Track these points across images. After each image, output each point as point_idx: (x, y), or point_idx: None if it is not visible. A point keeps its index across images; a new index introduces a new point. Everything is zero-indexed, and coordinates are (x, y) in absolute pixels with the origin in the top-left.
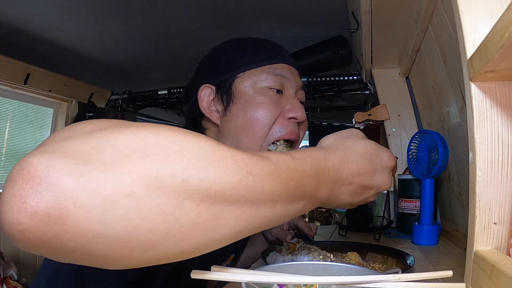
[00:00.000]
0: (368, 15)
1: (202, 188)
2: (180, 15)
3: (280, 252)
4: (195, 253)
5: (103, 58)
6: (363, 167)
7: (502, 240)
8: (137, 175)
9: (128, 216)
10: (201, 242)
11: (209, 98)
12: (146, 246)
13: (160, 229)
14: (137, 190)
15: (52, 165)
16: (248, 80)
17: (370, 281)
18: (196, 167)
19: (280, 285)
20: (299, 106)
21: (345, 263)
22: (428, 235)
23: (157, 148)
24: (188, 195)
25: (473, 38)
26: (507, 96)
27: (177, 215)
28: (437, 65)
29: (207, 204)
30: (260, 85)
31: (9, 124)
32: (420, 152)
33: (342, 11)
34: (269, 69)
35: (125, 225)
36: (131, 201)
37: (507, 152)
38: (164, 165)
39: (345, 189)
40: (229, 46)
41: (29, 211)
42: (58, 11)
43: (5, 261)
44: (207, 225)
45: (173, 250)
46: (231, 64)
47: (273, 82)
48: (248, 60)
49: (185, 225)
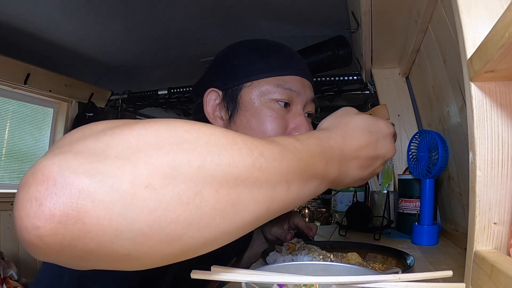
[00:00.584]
0: (368, 15)
1: (219, 173)
2: (180, 15)
3: (280, 252)
4: (217, 243)
5: (103, 58)
6: (364, 140)
7: (502, 240)
8: (154, 166)
9: (148, 208)
10: (223, 229)
11: (215, 103)
12: (170, 238)
13: (182, 219)
14: (155, 181)
15: (66, 165)
16: (256, 90)
17: (370, 281)
18: (210, 152)
19: (280, 285)
20: (304, 124)
21: (345, 263)
22: (428, 235)
23: (170, 138)
24: (206, 181)
25: (473, 38)
26: (507, 96)
27: (198, 202)
28: (437, 65)
29: (226, 189)
30: (268, 97)
31: (9, 124)
32: (420, 152)
33: (342, 11)
34: (278, 81)
35: (146, 218)
36: (150, 192)
37: (507, 152)
38: (179, 154)
39: (353, 165)
40: (241, 49)
41: (47, 213)
42: (58, 11)
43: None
44: (228, 211)
45: (197, 240)
46: (239, 71)
47: (281, 96)
48: (257, 69)
49: (206, 213)
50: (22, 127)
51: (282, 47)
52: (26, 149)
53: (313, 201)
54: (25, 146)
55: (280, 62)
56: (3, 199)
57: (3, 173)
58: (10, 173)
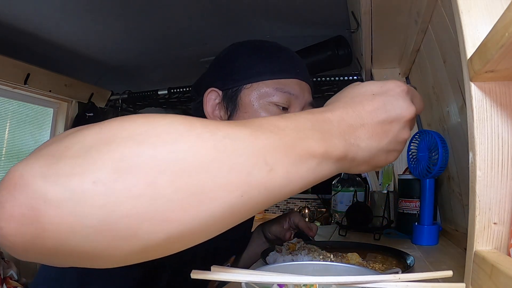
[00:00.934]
0: (368, 15)
1: (174, 161)
2: (180, 15)
3: (280, 252)
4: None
5: (103, 58)
6: (368, 104)
7: (502, 240)
8: (103, 162)
9: (99, 203)
10: (188, 223)
11: (215, 102)
12: (125, 234)
13: (134, 213)
14: (104, 176)
15: (27, 169)
16: (255, 92)
17: (370, 281)
18: (164, 141)
19: (280, 285)
20: None
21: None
22: (428, 235)
23: (123, 132)
24: (159, 171)
25: (473, 38)
26: (507, 96)
27: (151, 194)
28: (437, 65)
29: (184, 178)
30: (267, 100)
31: (9, 124)
32: (420, 152)
33: (342, 11)
34: (277, 85)
35: (98, 214)
36: (99, 188)
37: (507, 152)
38: (129, 146)
39: (361, 134)
40: (243, 50)
41: (7, 214)
42: (58, 11)
43: (5, 261)
44: (190, 202)
45: (157, 235)
46: (240, 72)
47: (280, 99)
48: (257, 72)
49: (162, 205)
50: (22, 127)
51: (283, 49)
52: (26, 149)
53: (313, 201)
54: (25, 146)
55: (280, 65)
56: None
57: (3, 173)
58: None
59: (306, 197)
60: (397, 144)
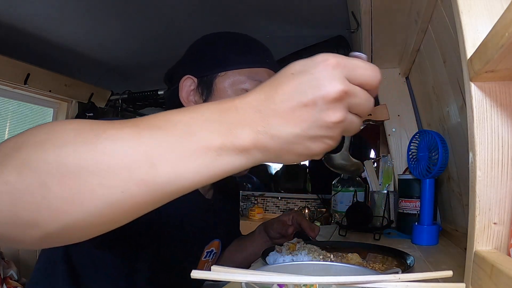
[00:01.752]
0: (368, 15)
1: (61, 164)
2: (180, 15)
3: (280, 252)
4: (81, 229)
5: (103, 58)
6: (283, 86)
7: (502, 240)
8: (12, 165)
9: (7, 199)
10: (78, 216)
11: (190, 88)
12: (29, 223)
13: (32, 207)
14: (11, 178)
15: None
16: (229, 79)
17: (370, 281)
18: (55, 145)
19: (280, 285)
20: None
21: (345, 263)
22: (428, 235)
23: (31, 139)
24: (50, 173)
25: (473, 38)
26: (507, 96)
27: (43, 192)
28: (437, 65)
29: (71, 179)
30: (239, 86)
31: (9, 124)
32: (420, 152)
33: (342, 11)
34: (249, 73)
35: (8, 207)
36: (7, 187)
37: (507, 152)
38: (32, 152)
39: (273, 120)
40: (218, 41)
41: None
42: (58, 11)
43: (5, 261)
44: (75, 199)
45: (55, 225)
46: (215, 61)
47: (251, 86)
48: (232, 61)
49: (53, 201)
50: (22, 127)
51: (256, 42)
52: None
53: (313, 201)
54: None
55: (252, 56)
56: None
57: None
58: None
59: (306, 197)
60: (321, 129)
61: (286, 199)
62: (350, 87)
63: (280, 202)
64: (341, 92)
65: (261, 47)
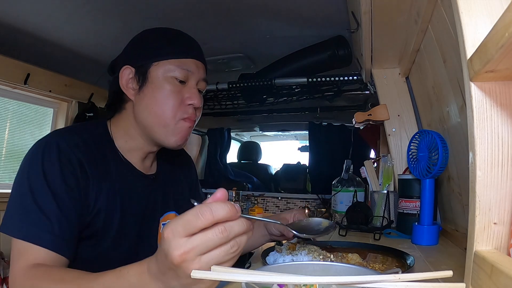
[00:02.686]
0: (368, 15)
1: None
2: (180, 15)
3: (280, 252)
4: None
5: (103, 58)
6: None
7: (502, 240)
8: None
9: None
10: None
11: (128, 77)
12: None
13: None
14: None
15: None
16: (161, 68)
17: (370, 281)
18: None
19: (280, 285)
20: (196, 94)
21: (345, 263)
22: (428, 235)
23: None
24: None
25: (473, 38)
26: (507, 96)
27: None
28: (437, 65)
29: None
30: (169, 74)
31: (9, 124)
32: (420, 152)
33: (342, 11)
34: (178, 63)
35: None
36: None
37: (507, 152)
38: None
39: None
40: (152, 35)
41: None
42: (58, 11)
43: (5, 261)
44: None
45: None
46: (150, 52)
47: (179, 74)
48: (164, 52)
49: None
50: (22, 127)
51: (185, 36)
52: (26, 149)
53: (313, 201)
54: (25, 146)
55: (181, 48)
56: (3, 199)
57: (3, 173)
58: (10, 173)
59: (306, 197)
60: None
61: (286, 199)
62: (187, 246)
63: (280, 202)
64: (181, 256)
65: (189, 40)
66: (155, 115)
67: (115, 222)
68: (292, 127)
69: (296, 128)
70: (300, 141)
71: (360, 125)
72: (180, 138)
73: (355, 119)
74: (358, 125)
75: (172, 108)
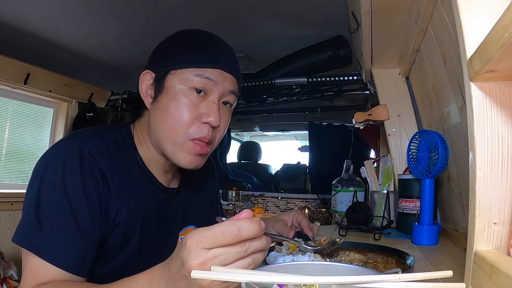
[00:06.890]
0: (368, 15)
1: None
2: (180, 15)
3: (280, 252)
4: None
5: (103, 58)
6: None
7: (502, 240)
8: None
9: None
10: None
11: (148, 83)
12: None
13: None
14: None
15: None
16: (178, 78)
17: (370, 281)
18: None
19: (280, 285)
20: (215, 111)
21: (345, 263)
22: (428, 235)
23: None
24: None
25: (473, 38)
26: (507, 96)
27: None
28: (437, 65)
29: None
30: (186, 85)
31: (9, 124)
32: (420, 152)
33: (342, 11)
34: (198, 72)
35: None
36: None
37: (507, 152)
38: None
39: None
40: (175, 40)
41: None
42: (58, 11)
43: (5, 261)
44: None
45: None
46: (169, 59)
47: (198, 84)
48: (183, 60)
49: None
50: (22, 127)
51: (213, 43)
52: (26, 149)
53: (313, 201)
54: (25, 146)
55: (205, 56)
56: (3, 199)
57: (3, 173)
58: (10, 173)
59: (306, 197)
60: None
61: (286, 199)
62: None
63: (280, 202)
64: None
65: (218, 47)
66: (165, 129)
67: (135, 236)
68: (292, 127)
69: (296, 128)
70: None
71: (360, 125)
72: (190, 161)
73: (355, 119)
74: (358, 125)
75: (184, 124)
